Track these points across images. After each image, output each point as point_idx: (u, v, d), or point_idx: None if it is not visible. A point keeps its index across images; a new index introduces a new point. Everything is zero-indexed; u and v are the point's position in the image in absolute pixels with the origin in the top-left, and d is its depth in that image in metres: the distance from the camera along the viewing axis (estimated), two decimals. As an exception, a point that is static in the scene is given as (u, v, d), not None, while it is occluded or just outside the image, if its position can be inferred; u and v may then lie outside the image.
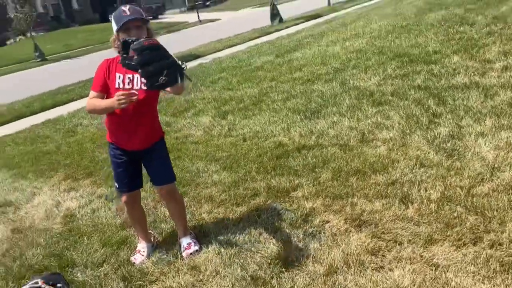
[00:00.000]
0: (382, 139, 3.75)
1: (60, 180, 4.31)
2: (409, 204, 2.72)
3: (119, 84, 2.40)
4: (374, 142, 3.75)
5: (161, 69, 1.86)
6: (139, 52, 1.86)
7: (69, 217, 3.47)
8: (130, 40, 2.02)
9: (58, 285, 1.87)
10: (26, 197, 4.04)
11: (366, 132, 3.96)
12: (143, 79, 2.24)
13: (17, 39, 28.31)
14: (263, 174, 3.55)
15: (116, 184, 2.65)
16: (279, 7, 16.54)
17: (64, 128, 6.43)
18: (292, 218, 2.82)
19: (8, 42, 28.58)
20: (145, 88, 2.30)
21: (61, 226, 3.35)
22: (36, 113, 8.13)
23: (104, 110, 2.43)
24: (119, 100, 2.18)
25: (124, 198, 2.66)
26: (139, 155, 2.57)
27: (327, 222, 2.72)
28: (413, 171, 3.11)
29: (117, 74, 2.40)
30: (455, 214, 2.53)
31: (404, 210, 2.68)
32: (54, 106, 8.43)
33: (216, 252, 2.62)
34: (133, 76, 2.39)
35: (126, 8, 2.35)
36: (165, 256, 2.69)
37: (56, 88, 10.34)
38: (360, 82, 5.41)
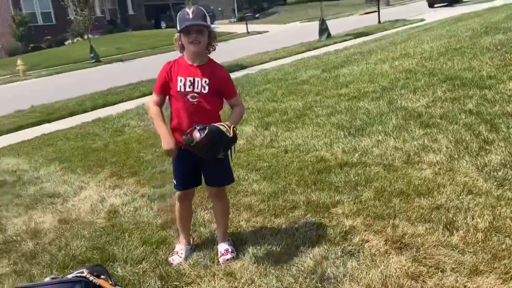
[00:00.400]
0: (428, 162, 3.66)
1: (106, 177, 4.47)
2: (454, 231, 2.63)
3: (180, 87, 2.46)
4: (419, 164, 3.66)
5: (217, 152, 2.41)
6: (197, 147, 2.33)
7: (113, 213, 3.59)
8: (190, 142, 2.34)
9: (102, 276, 1.95)
10: (74, 190, 4.22)
11: (411, 154, 3.88)
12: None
13: (75, 40, 29.75)
14: (303, 188, 3.54)
15: (174, 181, 2.71)
16: (328, 22, 16.53)
17: (113, 127, 6.68)
18: (331, 234, 2.80)
19: (66, 43, 30.08)
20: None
21: (105, 221, 3.47)
22: (87, 111, 8.49)
23: (156, 128, 2.56)
24: (166, 151, 2.50)
25: (178, 195, 2.73)
26: (200, 157, 2.56)
27: (367, 241, 2.67)
28: (460, 197, 3.01)
29: (179, 78, 2.46)
30: (504, 246, 2.42)
31: (448, 236, 2.59)
32: (104, 105, 8.77)
33: (253, 260, 2.63)
34: (193, 79, 2.45)
35: (190, 10, 2.38)
36: (202, 259, 2.73)
37: (107, 89, 10.76)
38: (408, 103, 5.31)
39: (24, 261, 2.98)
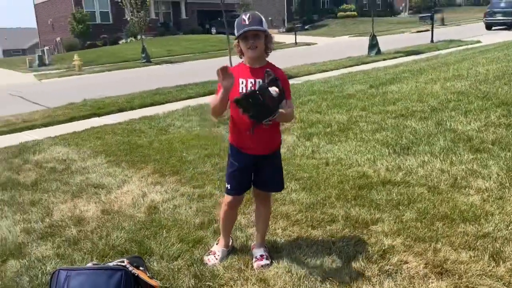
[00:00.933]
0: (476, 188, 3.52)
1: (148, 173, 4.59)
2: (501, 262, 2.51)
3: (242, 89, 2.49)
4: (467, 189, 3.52)
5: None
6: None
7: (152, 209, 3.68)
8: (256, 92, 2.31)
9: (141, 268, 2.00)
10: (117, 183, 4.36)
11: (459, 178, 3.74)
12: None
13: (128, 40, 30.91)
14: (343, 202, 3.49)
15: (228, 185, 2.69)
16: (378, 38, 16.30)
17: (158, 126, 6.85)
18: (369, 251, 2.74)
19: (120, 42, 31.30)
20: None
21: (145, 215, 3.56)
22: (135, 109, 8.75)
23: (219, 102, 2.44)
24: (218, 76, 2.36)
25: (229, 199, 2.71)
26: (257, 160, 2.61)
27: (406, 263, 2.60)
28: (509, 227, 2.87)
29: (240, 80, 2.49)
30: (555, 283, 2.28)
31: (494, 267, 2.48)
32: (152, 104, 9.02)
33: (287, 269, 2.61)
34: (255, 81, 2.48)
35: (246, 16, 2.43)
36: (236, 263, 2.74)
37: (156, 88, 11.06)
38: (458, 125, 5.14)
39: (67, 245, 3.10)
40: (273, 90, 2.28)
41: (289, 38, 29.67)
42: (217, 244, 2.90)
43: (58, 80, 16.48)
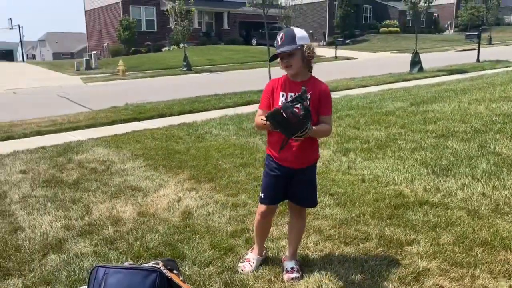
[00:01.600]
0: (520, 215, 3.37)
1: (184, 179, 4.68)
2: (544, 295, 2.39)
3: (282, 102, 2.51)
4: (509, 216, 3.39)
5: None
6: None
7: (187, 214, 3.75)
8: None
9: (174, 271, 2.04)
10: (154, 187, 4.47)
11: (501, 203, 3.60)
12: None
13: (171, 48, 31.74)
14: (378, 220, 3.43)
15: (262, 194, 2.72)
16: (421, 55, 15.99)
17: (196, 133, 6.99)
18: (402, 272, 2.67)
19: (163, 49, 32.19)
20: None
21: (179, 220, 3.63)
22: (174, 115, 8.96)
23: (261, 126, 2.53)
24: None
25: (263, 208, 2.73)
26: (292, 173, 2.61)
27: (441, 287, 2.52)
28: (554, 259, 2.73)
29: (281, 93, 2.54)
30: None
31: (536, 299, 2.36)
32: (190, 112, 9.21)
33: (317, 284, 2.60)
34: (295, 94, 2.45)
35: (279, 36, 2.47)
36: (267, 273, 2.74)
37: (195, 96, 11.30)
38: (502, 149, 4.95)
39: (104, 244, 3.21)
40: (297, 108, 2.27)
41: (329, 52, 29.57)
42: (251, 252, 2.91)
43: (102, 83, 17.12)
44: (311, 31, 43.42)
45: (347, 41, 39.17)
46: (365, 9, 45.89)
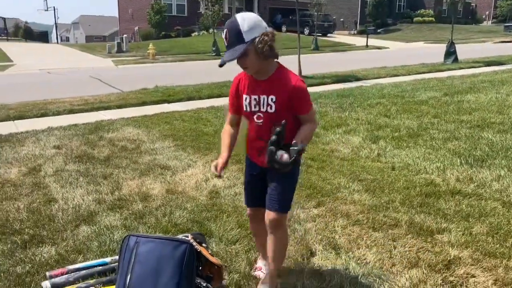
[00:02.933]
0: (558, 209, 3.24)
1: (212, 160, 4.67)
2: None
3: (246, 107, 2.16)
4: (547, 209, 3.26)
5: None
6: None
7: (214, 193, 3.77)
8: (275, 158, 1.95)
9: (203, 244, 2.06)
10: (182, 166, 4.51)
11: (538, 196, 3.47)
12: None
13: (201, 33, 31.83)
14: (407, 208, 3.37)
15: (244, 195, 2.49)
16: (456, 46, 15.48)
17: (224, 116, 6.99)
18: (432, 260, 2.62)
19: (192, 34, 32.31)
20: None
21: (206, 199, 3.66)
22: (203, 98, 9.01)
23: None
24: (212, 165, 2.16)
25: (249, 212, 2.48)
26: (264, 172, 2.23)
27: (473, 276, 2.46)
28: None
29: (244, 96, 2.16)
30: None
31: None
32: (219, 96, 9.22)
33: (344, 267, 2.57)
34: (259, 98, 2.11)
35: (223, 34, 2.02)
36: (293, 254, 2.73)
37: (223, 81, 11.30)
38: (541, 141, 4.76)
39: (133, 218, 3.27)
40: (281, 155, 1.94)
41: (359, 41, 29.05)
42: (259, 259, 2.65)
43: (133, 66, 17.35)
44: (342, 19, 42.69)
45: (378, 30, 38.30)
46: (399, -2, 44.70)
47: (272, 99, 2.07)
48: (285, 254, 2.43)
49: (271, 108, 2.08)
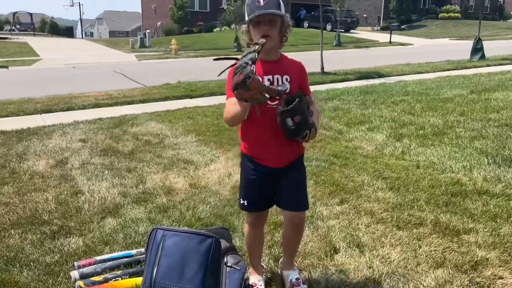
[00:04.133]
0: None
1: (235, 155, 4.72)
2: None
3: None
4: None
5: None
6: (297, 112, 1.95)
7: (237, 188, 3.75)
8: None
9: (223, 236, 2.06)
10: (205, 161, 4.55)
11: None
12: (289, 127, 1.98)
13: (223, 28, 31.91)
14: (433, 207, 3.31)
15: (244, 202, 2.23)
16: (484, 43, 15.09)
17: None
18: (459, 260, 2.57)
19: (214, 30, 32.44)
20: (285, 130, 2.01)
21: (229, 194, 3.68)
22: (224, 94, 8.98)
23: (236, 115, 1.98)
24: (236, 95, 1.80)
25: (250, 217, 2.31)
26: (276, 174, 2.14)
27: (501, 278, 2.41)
28: None
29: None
30: None
31: None
32: (241, 91, 9.25)
33: (368, 265, 2.55)
34: (273, 78, 2.04)
35: None
36: (316, 250, 2.73)
37: (245, 76, 11.33)
38: None
39: (158, 212, 3.32)
40: (295, 118, 1.95)
41: (383, 37, 28.65)
42: (251, 274, 2.42)
43: (156, 61, 17.55)
44: (365, 15, 42.14)
45: (402, 26, 37.70)
46: (424, -7, 43.81)
47: (287, 78, 2.06)
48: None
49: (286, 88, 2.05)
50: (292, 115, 1.95)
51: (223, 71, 1.93)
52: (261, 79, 1.74)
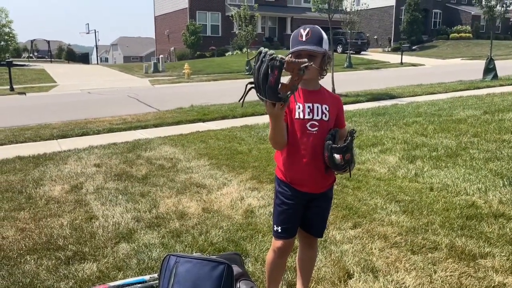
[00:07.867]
0: None
1: (247, 179, 4.74)
2: None
3: (299, 114, 2.09)
4: None
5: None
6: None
7: (249, 213, 3.80)
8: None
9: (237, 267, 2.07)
10: (218, 185, 4.57)
11: None
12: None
13: (234, 52, 32.38)
14: (448, 230, 3.27)
15: (278, 228, 2.21)
16: (496, 62, 15.05)
17: (257, 135, 7.06)
18: (475, 286, 2.53)
19: (226, 54, 32.93)
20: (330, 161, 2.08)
21: (242, 218, 3.68)
22: (237, 117, 9.13)
23: (273, 131, 2.02)
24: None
25: (280, 244, 2.23)
26: (310, 199, 2.19)
27: (520, 305, 2.35)
28: None
29: (298, 104, 2.09)
30: None
31: None
32: (252, 114, 9.32)
33: (382, 291, 2.52)
34: (312, 106, 2.10)
35: (304, 31, 2.04)
36: (330, 276, 2.71)
37: (256, 100, 11.43)
38: None
39: (171, 237, 3.33)
40: (345, 156, 2.03)
41: (394, 58, 28.73)
42: None
43: (169, 86, 17.82)
44: (375, 37, 42.41)
45: (413, 47, 37.78)
46: (434, 14, 43.97)
47: (326, 108, 2.12)
48: None
49: (325, 117, 2.11)
50: (343, 153, 2.02)
51: (245, 96, 1.97)
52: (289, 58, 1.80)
